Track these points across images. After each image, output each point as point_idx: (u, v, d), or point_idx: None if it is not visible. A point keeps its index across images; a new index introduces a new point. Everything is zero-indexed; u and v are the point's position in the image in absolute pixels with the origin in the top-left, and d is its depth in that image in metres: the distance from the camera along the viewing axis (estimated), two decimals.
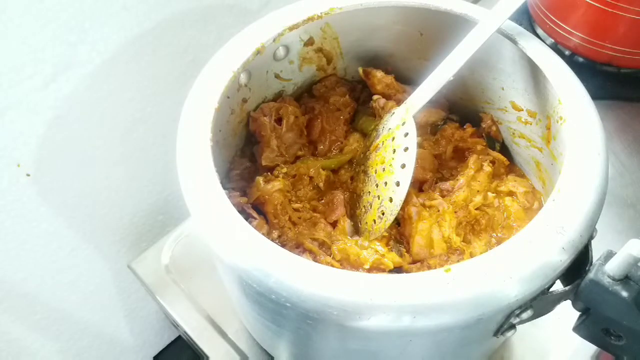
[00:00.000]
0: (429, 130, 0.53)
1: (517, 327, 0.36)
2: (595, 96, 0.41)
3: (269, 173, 0.49)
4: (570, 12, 0.68)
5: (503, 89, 0.49)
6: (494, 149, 0.52)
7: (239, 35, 0.46)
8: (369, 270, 0.42)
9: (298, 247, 0.45)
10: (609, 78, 0.71)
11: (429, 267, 0.43)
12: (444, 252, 0.44)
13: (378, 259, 0.42)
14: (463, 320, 0.32)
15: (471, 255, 0.43)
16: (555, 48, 0.72)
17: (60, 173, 0.55)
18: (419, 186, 0.49)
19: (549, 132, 0.45)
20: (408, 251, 0.44)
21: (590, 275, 0.33)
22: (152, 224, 0.69)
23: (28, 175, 0.52)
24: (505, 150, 0.53)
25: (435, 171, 0.51)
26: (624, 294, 0.32)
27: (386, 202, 0.45)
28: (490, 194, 0.46)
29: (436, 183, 0.49)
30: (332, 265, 0.42)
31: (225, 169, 0.48)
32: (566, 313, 0.37)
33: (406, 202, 0.45)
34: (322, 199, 0.50)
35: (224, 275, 0.43)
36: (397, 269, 0.43)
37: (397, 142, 0.46)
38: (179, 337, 0.61)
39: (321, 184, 0.50)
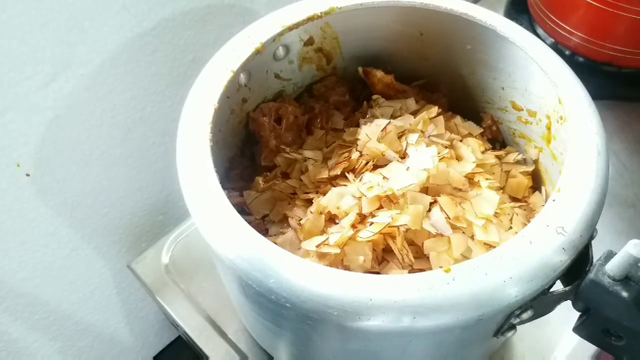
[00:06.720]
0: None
1: (517, 327, 0.36)
2: (595, 96, 0.41)
3: (268, 173, 0.49)
4: (570, 12, 0.68)
5: (503, 88, 0.49)
6: (494, 149, 0.52)
7: (239, 35, 0.45)
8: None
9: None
10: (609, 78, 0.71)
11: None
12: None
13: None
14: (463, 321, 0.32)
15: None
16: (556, 48, 0.72)
17: (60, 173, 0.55)
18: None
19: (549, 132, 0.45)
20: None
21: (591, 275, 0.33)
22: (152, 224, 0.69)
23: (28, 175, 0.52)
24: None
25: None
26: (624, 294, 0.32)
27: None
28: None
29: None
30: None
31: (225, 169, 0.48)
32: (566, 313, 0.37)
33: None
34: None
35: (223, 275, 0.42)
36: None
37: None
38: (179, 337, 0.61)
39: None
